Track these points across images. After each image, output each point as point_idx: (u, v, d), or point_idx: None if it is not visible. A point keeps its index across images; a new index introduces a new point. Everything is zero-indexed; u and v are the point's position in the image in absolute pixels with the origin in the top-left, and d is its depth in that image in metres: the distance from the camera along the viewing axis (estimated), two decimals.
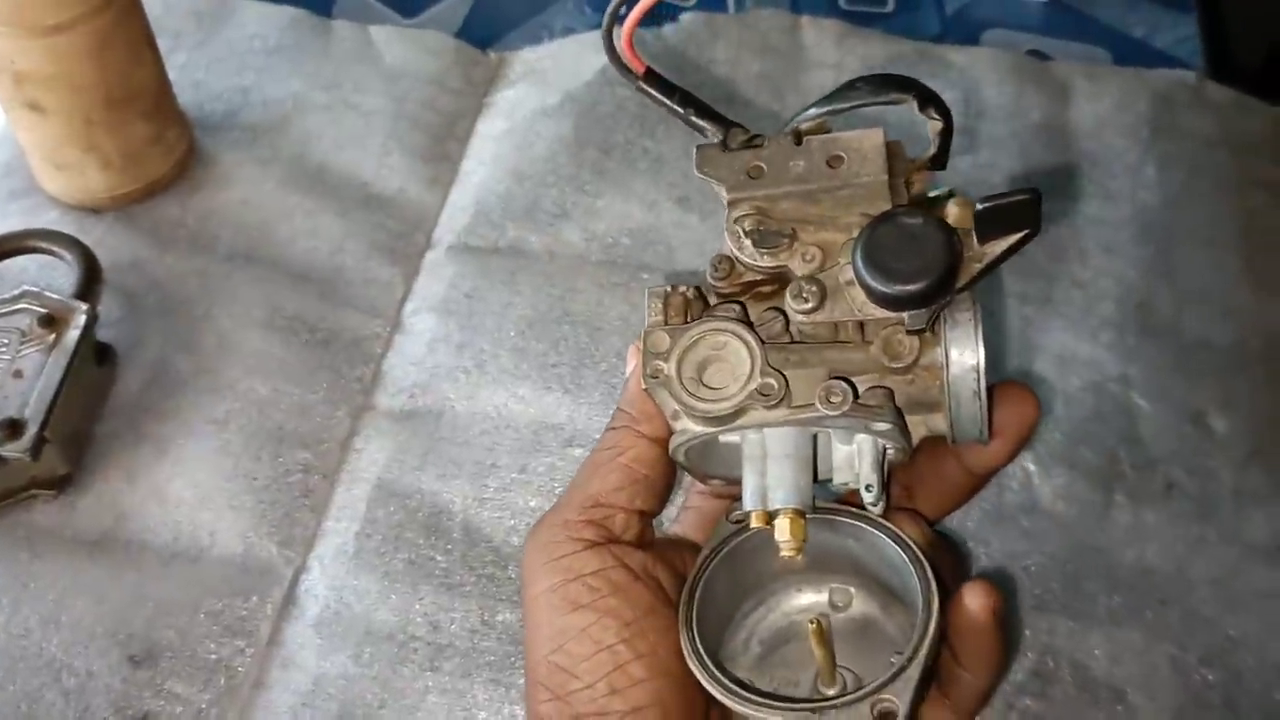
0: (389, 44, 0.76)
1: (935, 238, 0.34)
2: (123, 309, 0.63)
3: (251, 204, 0.68)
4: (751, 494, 0.37)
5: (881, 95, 0.37)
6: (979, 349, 0.35)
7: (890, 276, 0.34)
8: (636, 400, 0.39)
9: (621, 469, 0.39)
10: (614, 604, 0.37)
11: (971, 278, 0.34)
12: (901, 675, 0.34)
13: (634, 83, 0.39)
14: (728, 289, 0.38)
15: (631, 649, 0.37)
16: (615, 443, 0.39)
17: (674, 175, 0.69)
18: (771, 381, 0.35)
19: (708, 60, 0.74)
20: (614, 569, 0.38)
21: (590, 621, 0.37)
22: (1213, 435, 0.59)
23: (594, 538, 0.38)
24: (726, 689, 0.36)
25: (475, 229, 0.68)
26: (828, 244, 0.36)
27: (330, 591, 0.55)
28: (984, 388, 0.35)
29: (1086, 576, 0.55)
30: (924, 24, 0.80)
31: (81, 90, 0.62)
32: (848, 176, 0.37)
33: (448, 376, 0.62)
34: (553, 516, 0.39)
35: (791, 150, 0.37)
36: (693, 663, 0.37)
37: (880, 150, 0.37)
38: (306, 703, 0.52)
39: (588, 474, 0.39)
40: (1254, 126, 0.72)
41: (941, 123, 0.37)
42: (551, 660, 0.37)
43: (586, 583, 0.37)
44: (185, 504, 0.57)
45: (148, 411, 0.60)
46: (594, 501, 0.39)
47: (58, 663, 0.52)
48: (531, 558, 0.39)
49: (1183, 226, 0.67)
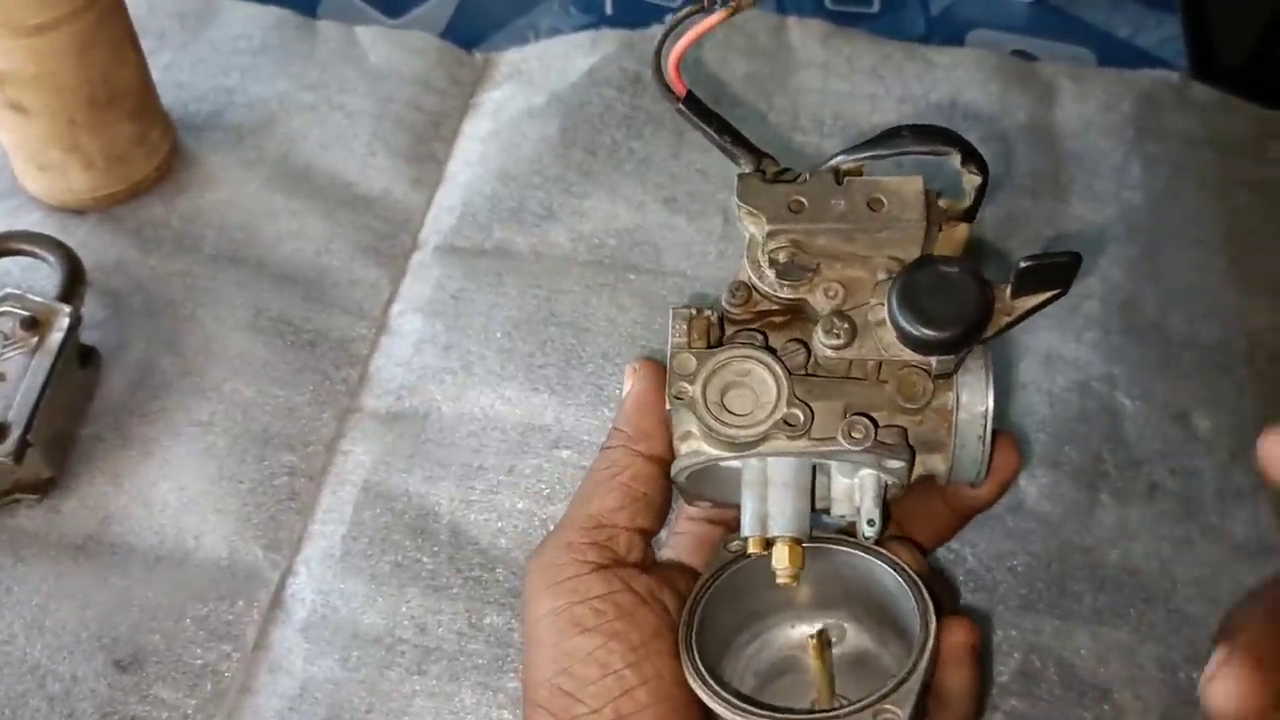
0: (374, 44, 0.76)
1: (970, 287, 0.35)
2: (107, 311, 0.63)
3: (236, 205, 0.68)
4: (751, 520, 0.37)
5: (925, 145, 0.38)
6: (989, 396, 0.37)
7: (925, 321, 0.35)
8: (633, 419, 0.40)
9: (621, 488, 0.39)
10: (620, 628, 0.37)
11: (998, 329, 0.36)
12: (902, 687, 0.35)
13: (675, 105, 0.40)
14: (741, 315, 0.39)
15: (638, 674, 0.37)
16: (612, 461, 0.39)
17: (661, 176, 0.69)
18: (798, 412, 0.36)
19: (694, 60, 0.74)
20: (621, 593, 0.38)
21: (597, 645, 0.37)
22: (1197, 435, 0.59)
23: (599, 560, 0.38)
24: (733, 705, 0.36)
25: (461, 230, 0.67)
26: (851, 281, 0.37)
27: (317, 595, 0.54)
28: (989, 433, 0.37)
29: (1072, 576, 0.55)
30: (909, 24, 0.80)
31: (64, 91, 0.61)
32: (887, 220, 0.37)
33: (434, 378, 0.61)
34: (556, 538, 0.39)
35: (833, 189, 0.38)
36: (695, 682, 0.37)
37: (920, 197, 0.38)
38: (293, 707, 0.52)
39: (587, 493, 0.39)
40: (1238, 126, 0.72)
41: (980, 179, 0.38)
42: (555, 683, 0.37)
43: (593, 606, 0.37)
44: (170, 507, 0.56)
45: (132, 414, 0.59)
46: (595, 522, 0.39)
47: (42, 668, 0.52)
48: (535, 579, 0.38)
49: (1167, 226, 0.68)
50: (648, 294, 0.64)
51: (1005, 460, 0.40)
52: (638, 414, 0.40)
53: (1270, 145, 0.71)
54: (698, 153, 0.70)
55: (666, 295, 0.64)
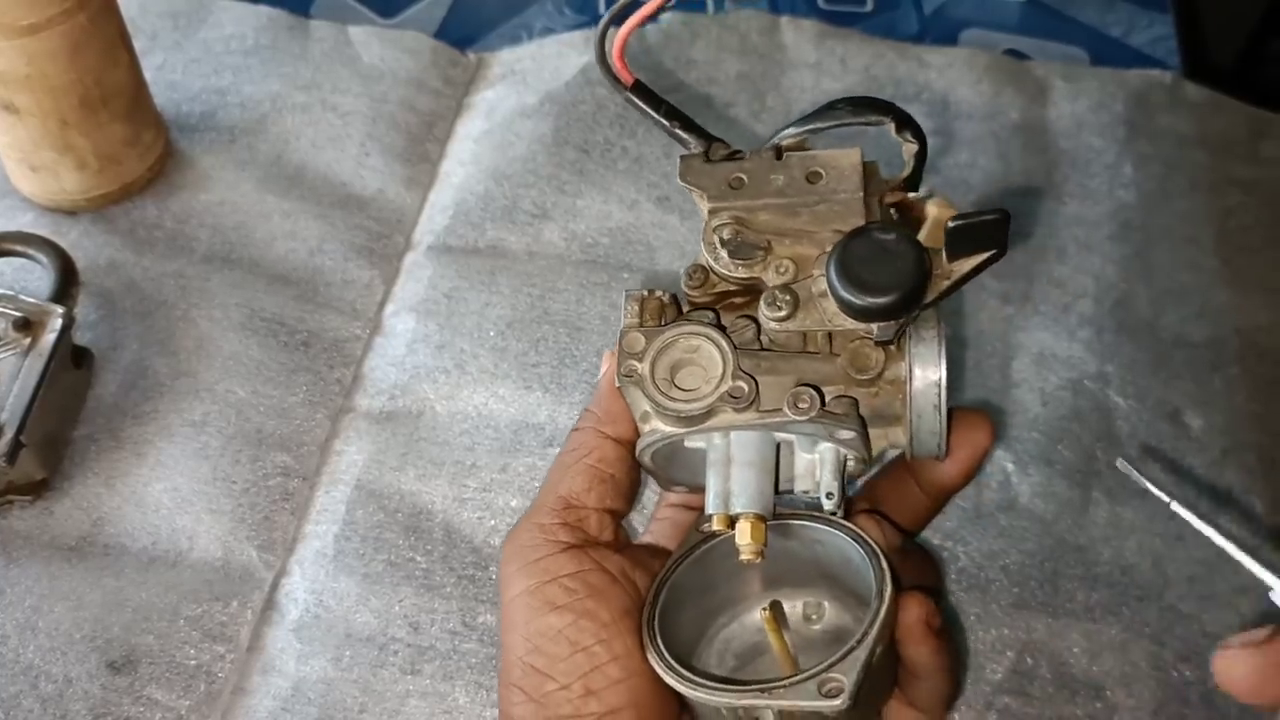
0: (367, 44, 0.76)
1: (907, 253, 0.35)
2: (99, 312, 0.63)
3: (229, 205, 0.68)
4: (714, 497, 0.38)
5: (860, 116, 0.39)
6: (941, 365, 0.37)
7: (862, 288, 0.35)
8: (604, 400, 0.40)
9: (588, 469, 0.39)
10: (591, 606, 0.37)
11: (939, 294, 0.36)
12: (849, 656, 0.35)
13: (622, 93, 0.40)
14: (701, 298, 0.39)
15: (608, 650, 0.37)
16: (579, 443, 0.40)
17: (654, 175, 0.69)
18: (742, 384, 0.36)
19: (687, 60, 0.74)
20: (591, 571, 0.38)
21: (567, 623, 0.37)
22: (1189, 432, 0.59)
23: (570, 540, 0.39)
24: (679, 674, 0.37)
25: (455, 229, 0.67)
26: (801, 257, 0.37)
27: (310, 595, 0.54)
28: (944, 402, 0.37)
29: (1064, 574, 0.55)
30: (902, 24, 0.80)
31: (56, 91, 0.61)
32: (825, 192, 0.38)
33: (427, 377, 0.61)
34: (527, 520, 0.39)
35: (772, 165, 0.39)
36: (650, 651, 0.37)
37: (857, 168, 0.38)
38: (286, 708, 0.52)
39: (556, 476, 0.40)
40: (1230, 126, 0.72)
41: (916, 145, 0.38)
42: (527, 661, 0.37)
43: (563, 584, 0.38)
44: (164, 508, 0.56)
45: (125, 415, 0.59)
46: (565, 503, 0.39)
47: (35, 669, 0.52)
48: (508, 561, 0.39)
49: (1160, 225, 0.68)
50: None
51: (974, 436, 0.39)
52: (607, 396, 0.40)
53: (1262, 145, 0.72)
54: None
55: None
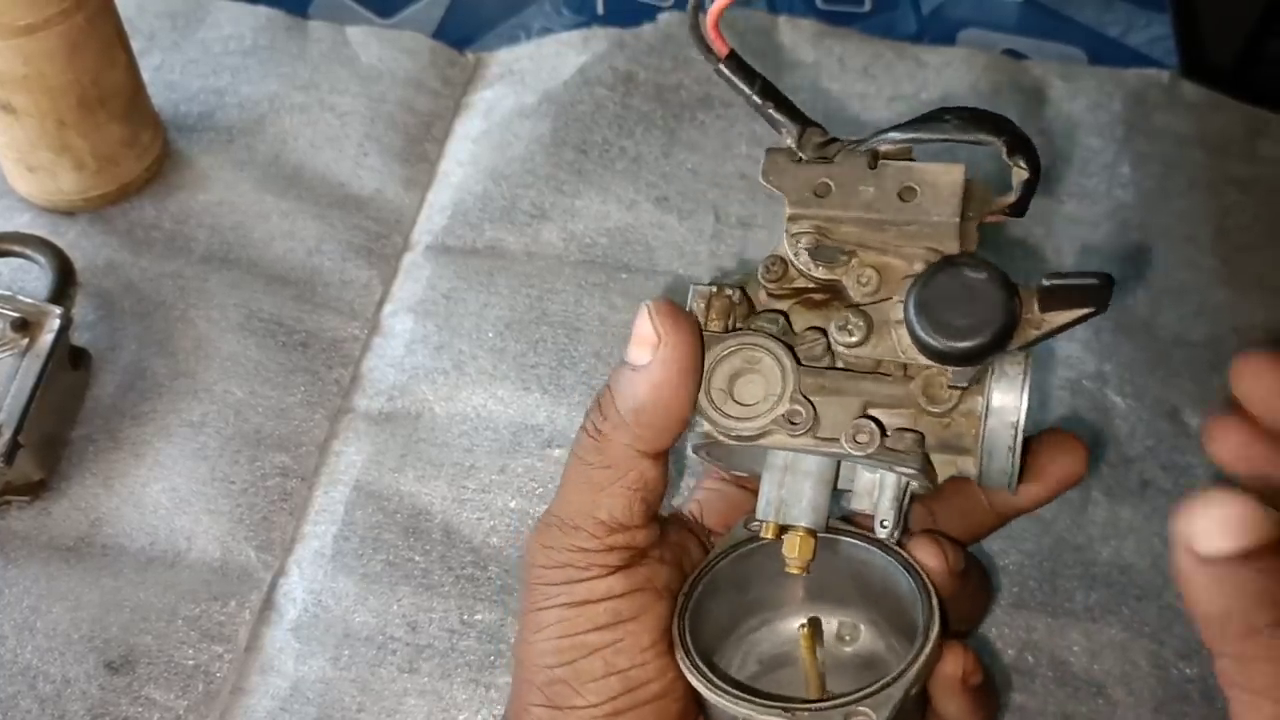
0: (365, 44, 0.76)
1: (994, 296, 0.32)
2: (97, 312, 0.63)
3: (227, 205, 0.68)
4: (767, 504, 0.36)
5: (970, 133, 0.35)
6: (1022, 406, 0.34)
7: (940, 330, 0.32)
8: (645, 413, 0.35)
9: (627, 494, 0.36)
10: (634, 628, 0.36)
11: (1026, 343, 0.33)
12: (883, 692, 0.34)
13: (714, 65, 0.36)
14: (778, 291, 0.36)
15: (643, 674, 0.36)
16: (613, 462, 0.36)
17: (652, 175, 0.69)
18: (799, 409, 0.34)
19: (685, 60, 0.74)
20: (640, 592, 0.36)
21: (608, 643, 0.36)
22: (1188, 431, 0.59)
23: (620, 562, 0.36)
24: (705, 678, 0.36)
25: (453, 230, 0.67)
26: (886, 268, 0.34)
27: (308, 595, 0.54)
28: (1019, 443, 0.34)
29: (1064, 574, 0.55)
30: (900, 24, 0.80)
31: (54, 91, 0.61)
32: (918, 212, 0.34)
33: (426, 378, 0.61)
34: (564, 537, 0.36)
35: (864, 172, 0.35)
36: (678, 649, 0.36)
37: (958, 190, 0.35)
38: (285, 707, 0.51)
39: (588, 496, 0.36)
40: (1228, 125, 0.72)
41: (1028, 173, 0.35)
42: (555, 672, 0.36)
43: (610, 606, 0.36)
44: (162, 508, 0.56)
45: (124, 415, 0.59)
46: (608, 529, 0.36)
47: (33, 669, 0.51)
48: (544, 573, 0.36)
49: (1158, 224, 0.68)
50: (640, 293, 0.64)
51: (1065, 464, 0.37)
52: (655, 409, 0.35)
53: (1260, 144, 0.72)
54: (689, 151, 0.70)
55: (658, 294, 0.64)
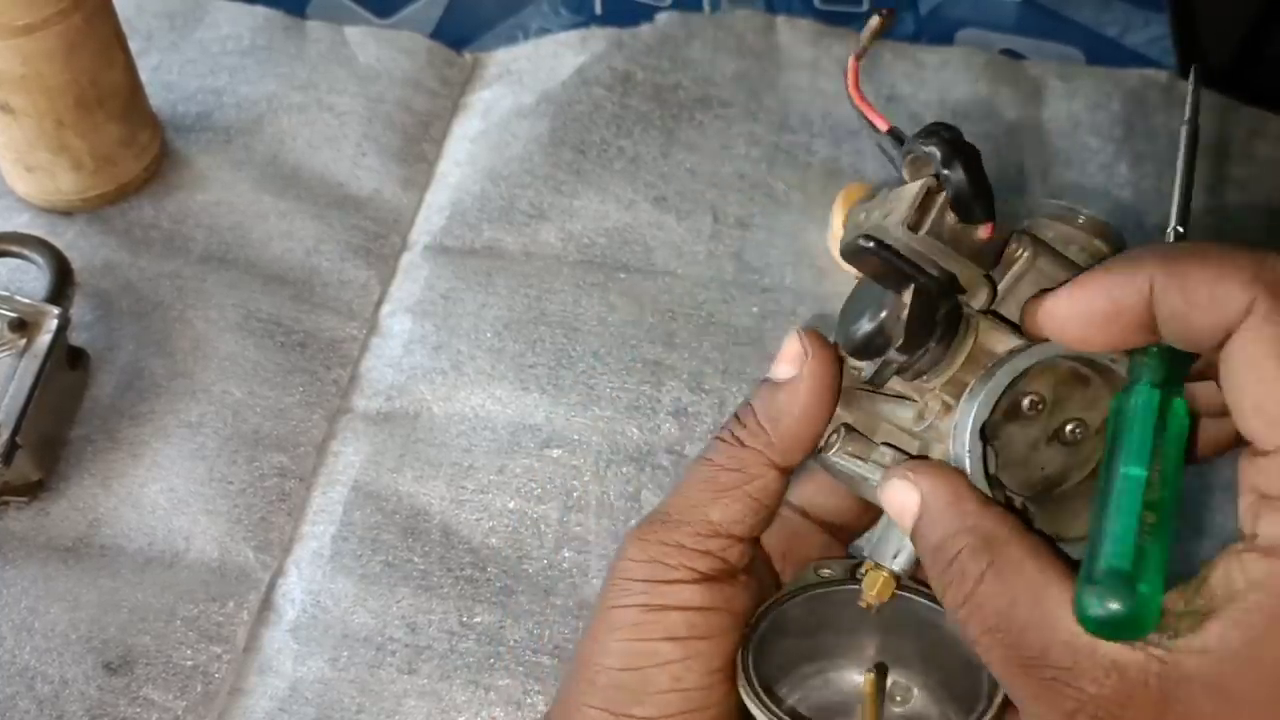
0: (363, 45, 0.76)
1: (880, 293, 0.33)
2: (95, 312, 0.63)
3: (225, 206, 0.68)
4: (880, 544, 0.36)
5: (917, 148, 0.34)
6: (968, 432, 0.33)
7: (842, 325, 0.34)
8: (784, 424, 0.35)
9: (748, 500, 0.36)
10: (707, 648, 0.35)
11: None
12: None
13: (875, 138, 0.36)
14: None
15: (706, 698, 0.35)
16: (742, 466, 0.36)
17: (651, 175, 0.69)
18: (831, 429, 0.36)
19: (683, 60, 0.74)
20: (719, 612, 0.36)
21: (678, 657, 0.35)
22: None
23: (708, 571, 0.36)
24: (768, 708, 0.35)
25: (451, 230, 0.67)
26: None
27: (307, 595, 0.54)
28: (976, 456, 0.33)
29: None
30: (898, 23, 0.80)
31: (52, 91, 0.61)
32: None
33: (424, 378, 0.61)
34: (666, 532, 0.36)
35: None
36: (741, 676, 0.36)
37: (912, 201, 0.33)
38: (284, 708, 0.51)
39: (707, 495, 0.36)
40: (1226, 125, 0.72)
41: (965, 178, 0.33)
42: (618, 676, 0.35)
43: (687, 617, 0.35)
44: (160, 509, 0.56)
45: (122, 416, 0.59)
46: (714, 531, 0.36)
47: (31, 670, 0.51)
48: (632, 566, 0.36)
49: (1156, 224, 0.68)
50: (638, 293, 0.64)
51: None
52: (791, 419, 0.35)
53: (1258, 144, 0.72)
54: (687, 152, 0.70)
55: (657, 294, 0.64)
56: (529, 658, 0.52)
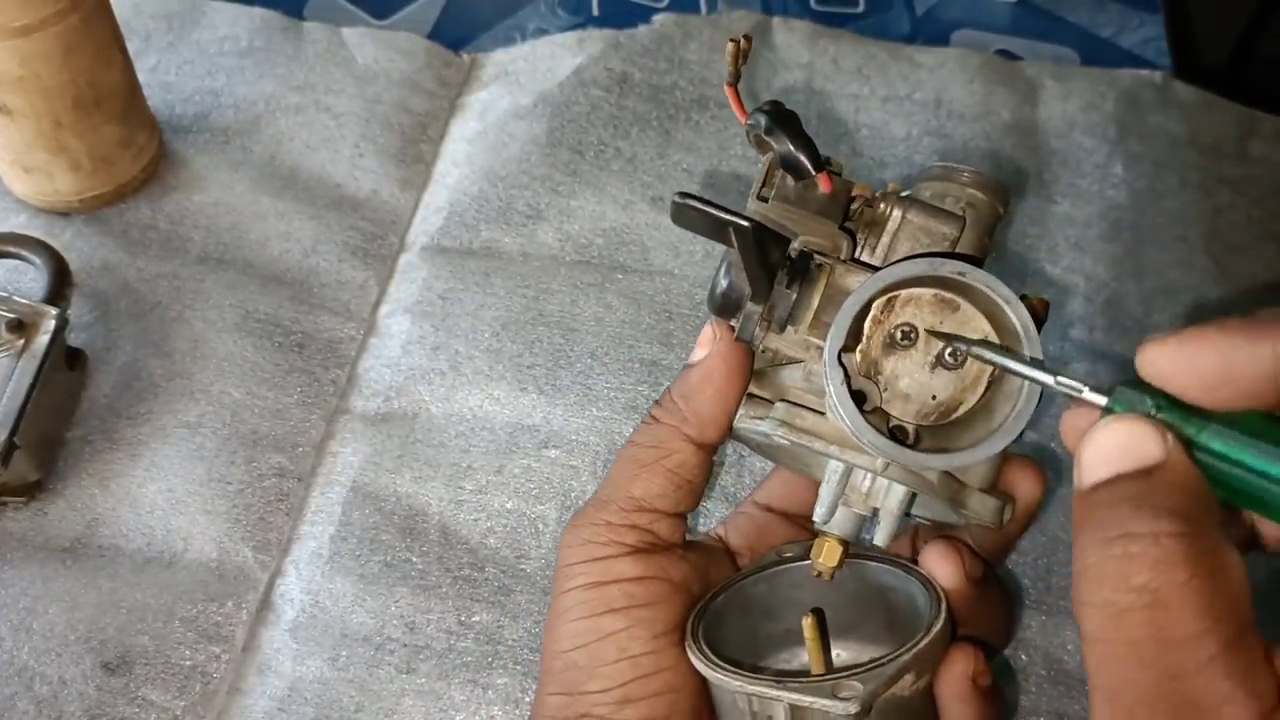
0: (361, 45, 0.76)
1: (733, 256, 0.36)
2: (93, 313, 0.63)
3: (223, 206, 0.68)
4: (825, 510, 0.37)
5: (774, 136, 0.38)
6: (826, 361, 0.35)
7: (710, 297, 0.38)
8: (695, 400, 0.37)
9: (666, 474, 0.38)
10: (647, 615, 0.37)
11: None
12: (874, 669, 0.35)
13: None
14: None
15: (655, 663, 0.37)
16: (659, 442, 0.38)
17: (648, 175, 0.69)
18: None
19: (680, 61, 0.74)
20: (654, 580, 0.37)
21: (620, 628, 0.37)
22: None
23: (637, 543, 0.37)
24: (705, 657, 0.36)
25: (449, 230, 0.67)
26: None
27: (306, 595, 0.54)
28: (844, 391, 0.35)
29: (1058, 572, 0.55)
30: (894, 24, 0.81)
31: (50, 92, 0.61)
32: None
33: (422, 378, 0.61)
34: (594, 513, 0.38)
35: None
36: (687, 636, 0.37)
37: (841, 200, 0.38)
38: (282, 708, 0.52)
39: (629, 473, 0.38)
40: (1220, 125, 0.73)
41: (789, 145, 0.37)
42: (570, 656, 0.37)
43: (624, 588, 0.37)
44: (159, 509, 0.56)
45: (120, 416, 0.59)
46: (637, 505, 0.38)
47: (30, 670, 0.51)
48: (569, 552, 0.38)
49: (1150, 224, 0.68)
50: (635, 293, 0.65)
51: (1022, 488, 0.38)
52: (702, 396, 0.37)
53: (1252, 144, 0.72)
54: (684, 152, 0.70)
55: (654, 294, 0.65)
56: (527, 657, 0.53)
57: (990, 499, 0.37)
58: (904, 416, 0.36)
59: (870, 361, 0.36)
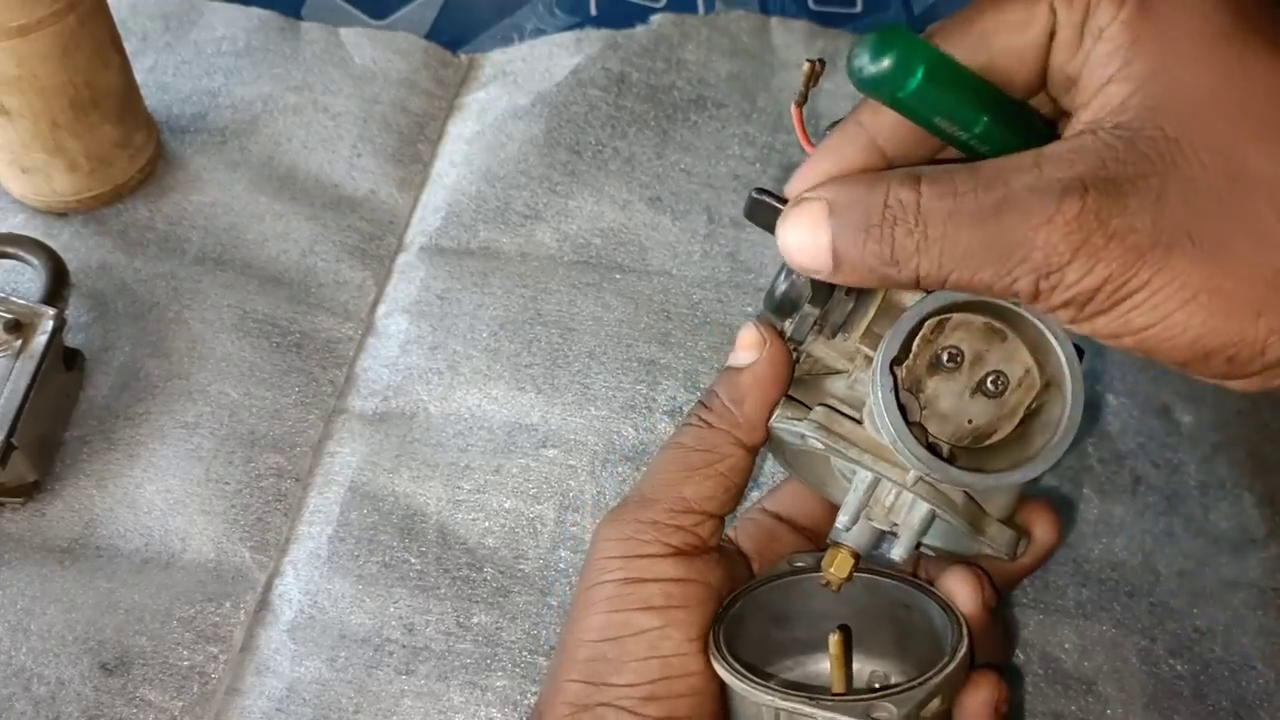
0: (359, 46, 0.76)
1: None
2: (91, 313, 0.63)
3: (221, 207, 0.68)
4: (848, 519, 0.38)
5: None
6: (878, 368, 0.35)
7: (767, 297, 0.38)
8: (746, 403, 0.38)
9: (718, 478, 0.38)
10: (683, 617, 0.37)
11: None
12: (906, 693, 0.35)
13: None
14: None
15: (684, 665, 0.37)
16: (712, 446, 0.38)
17: (646, 176, 0.69)
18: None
19: (678, 62, 0.74)
20: (694, 584, 0.37)
21: (654, 626, 0.37)
22: (1179, 429, 0.60)
23: (682, 545, 0.38)
24: (732, 667, 0.37)
25: (447, 230, 0.67)
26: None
27: (304, 596, 0.54)
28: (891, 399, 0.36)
29: (1055, 570, 0.55)
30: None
31: (47, 93, 0.61)
32: None
33: (420, 378, 0.61)
34: (639, 510, 0.38)
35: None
36: (710, 645, 0.37)
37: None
38: (281, 708, 0.52)
39: (680, 475, 0.38)
40: None
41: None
42: (599, 647, 0.37)
43: (664, 589, 0.37)
44: (156, 509, 0.56)
45: (118, 417, 0.59)
46: (686, 507, 0.38)
47: (27, 671, 0.51)
48: (607, 545, 0.38)
49: None
50: (633, 293, 0.65)
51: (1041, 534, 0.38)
52: (753, 400, 0.38)
53: None
54: (682, 152, 0.70)
55: (652, 294, 0.65)
56: (526, 658, 0.53)
57: (1008, 530, 0.37)
58: (940, 436, 0.36)
59: (914, 379, 0.36)
